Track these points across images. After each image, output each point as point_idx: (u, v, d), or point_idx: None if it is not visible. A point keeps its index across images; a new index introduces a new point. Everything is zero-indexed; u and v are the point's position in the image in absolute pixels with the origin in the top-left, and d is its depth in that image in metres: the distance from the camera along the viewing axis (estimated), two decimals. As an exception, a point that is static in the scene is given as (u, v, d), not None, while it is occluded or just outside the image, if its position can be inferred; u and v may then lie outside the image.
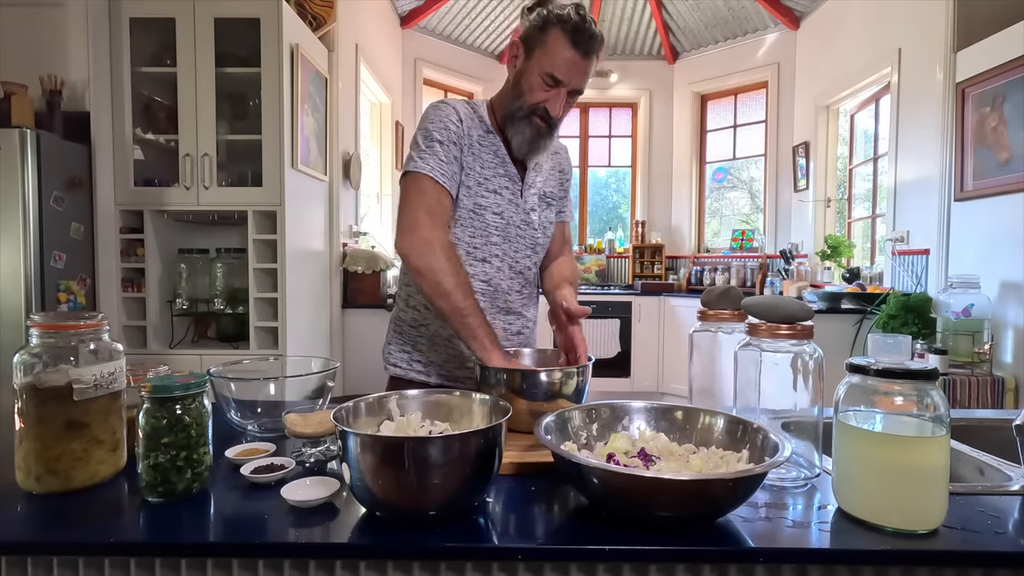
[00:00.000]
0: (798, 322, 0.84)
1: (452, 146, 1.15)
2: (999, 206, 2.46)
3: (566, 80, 1.12)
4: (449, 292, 1.07)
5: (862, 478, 0.70)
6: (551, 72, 1.11)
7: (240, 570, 0.65)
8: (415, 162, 1.14)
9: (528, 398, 0.97)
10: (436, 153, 1.14)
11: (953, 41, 2.71)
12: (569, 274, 1.31)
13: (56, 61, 2.38)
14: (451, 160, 1.15)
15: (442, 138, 1.15)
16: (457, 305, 1.07)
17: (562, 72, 1.11)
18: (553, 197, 1.32)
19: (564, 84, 1.12)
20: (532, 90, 1.13)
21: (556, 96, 1.13)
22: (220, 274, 2.68)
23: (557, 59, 1.10)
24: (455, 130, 1.16)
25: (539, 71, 1.12)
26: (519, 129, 1.17)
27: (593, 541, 0.64)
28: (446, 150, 1.15)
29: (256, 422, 1.00)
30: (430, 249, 1.09)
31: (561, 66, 1.11)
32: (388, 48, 4.29)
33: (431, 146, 1.14)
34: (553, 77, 1.11)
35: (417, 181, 1.14)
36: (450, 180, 1.15)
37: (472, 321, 1.07)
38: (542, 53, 1.12)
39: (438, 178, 1.13)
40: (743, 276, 4.72)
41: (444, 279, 1.08)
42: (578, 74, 1.12)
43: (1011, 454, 0.90)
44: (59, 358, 0.76)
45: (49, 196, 2.18)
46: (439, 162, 1.14)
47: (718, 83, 4.99)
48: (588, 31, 1.10)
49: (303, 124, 2.72)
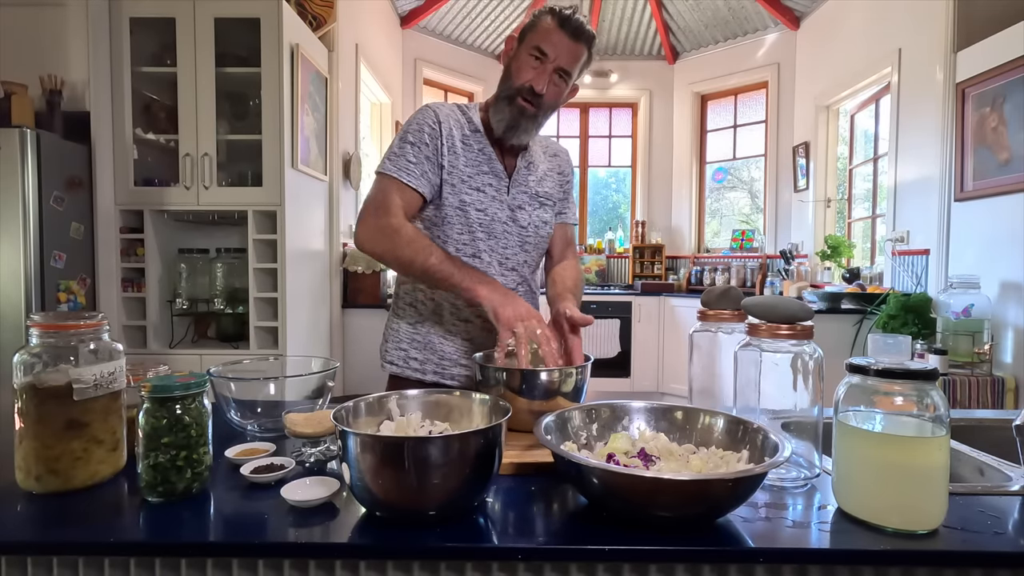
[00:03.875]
0: (798, 322, 0.84)
1: (424, 147, 1.19)
2: (999, 206, 2.46)
3: (552, 55, 1.15)
4: (411, 260, 1.12)
5: (862, 478, 0.70)
6: (538, 45, 1.15)
7: (240, 570, 0.65)
8: (383, 164, 1.20)
9: (526, 396, 0.97)
10: (405, 154, 1.19)
11: (953, 41, 2.71)
12: (572, 282, 1.31)
13: (56, 61, 2.38)
14: (421, 160, 1.19)
15: (414, 139, 1.20)
16: (424, 267, 1.12)
17: (549, 45, 1.15)
18: (549, 198, 1.32)
19: (550, 58, 1.15)
20: (520, 69, 1.18)
21: (542, 71, 1.16)
22: (220, 274, 2.68)
23: (545, 35, 1.16)
24: (429, 132, 1.20)
25: (528, 50, 1.17)
26: (500, 109, 1.21)
27: (593, 541, 0.64)
28: (416, 151, 1.19)
29: (256, 422, 1.00)
30: (380, 233, 1.15)
31: (548, 40, 1.15)
32: (388, 48, 4.29)
33: (403, 147, 1.20)
34: (540, 49, 1.15)
35: (378, 181, 1.20)
36: (418, 179, 1.19)
37: (444, 272, 1.11)
38: (532, 35, 1.17)
39: (401, 177, 1.17)
40: (743, 276, 4.72)
41: (401, 252, 1.13)
42: (564, 51, 1.16)
43: (1011, 454, 0.90)
44: (59, 358, 0.76)
45: (49, 196, 2.18)
46: (406, 163, 1.18)
47: (718, 83, 4.99)
48: (578, 20, 1.15)
49: (303, 124, 2.72)
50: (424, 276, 1.14)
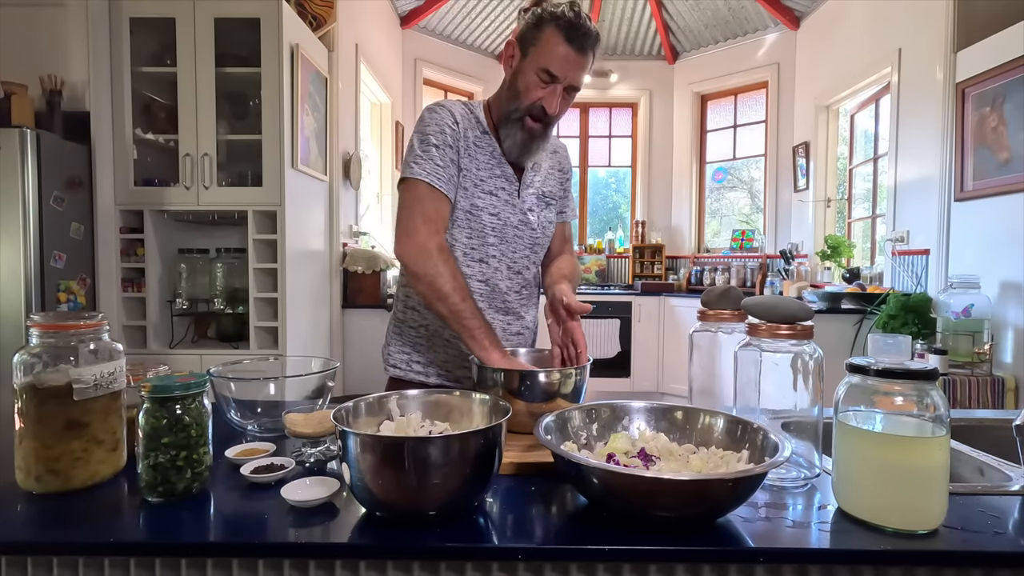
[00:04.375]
0: (798, 322, 0.84)
1: (448, 149, 1.16)
2: (999, 206, 2.46)
3: (561, 75, 1.12)
4: (447, 295, 1.08)
5: (862, 478, 0.70)
6: (546, 67, 1.11)
7: (240, 570, 0.65)
8: (411, 168, 1.15)
9: (525, 399, 0.97)
10: (432, 158, 1.15)
11: (953, 41, 2.71)
12: (568, 271, 1.31)
13: (56, 61, 2.38)
14: (448, 164, 1.16)
15: (438, 142, 1.15)
16: (455, 308, 1.08)
17: (557, 67, 1.11)
18: (552, 196, 1.32)
19: (560, 80, 1.12)
20: (528, 88, 1.14)
21: (552, 93, 1.13)
22: (220, 274, 2.68)
23: (552, 55, 1.11)
24: (451, 132, 1.17)
25: (535, 68, 1.12)
26: (511, 132, 1.18)
27: (593, 541, 0.64)
28: (442, 154, 1.15)
29: (256, 422, 1.00)
30: (427, 255, 1.11)
31: (556, 61, 1.11)
32: (388, 48, 4.29)
33: (427, 150, 1.15)
34: (548, 72, 1.11)
35: (414, 187, 1.15)
36: (447, 184, 1.15)
37: (471, 323, 1.07)
38: (537, 50, 1.12)
39: (434, 183, 1.14)
40: (743, 276, 4.72)
41: (441, 283, 1.09)
42: (573, 69, 1.12)
43: (1011, 454, 0.90)
44: (59, 358, 0.76)
45: (49, 196, 2.18)
46: (435, 167, 1.14)
47: (718, 83, 4.99)
48: (583, 27, 1.10)
49: (303, 124, 2.72)
50: (447, 314, 1.09)
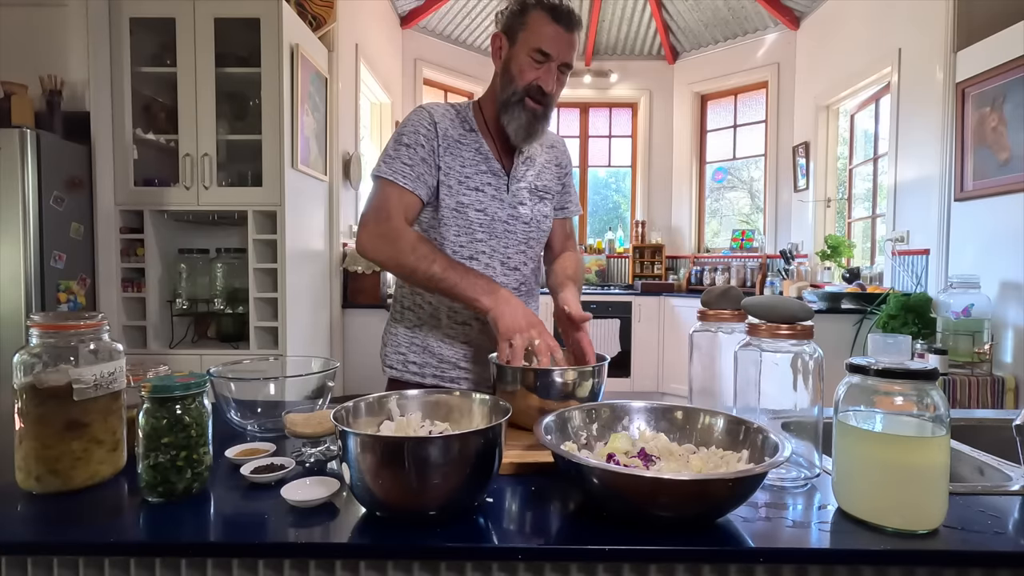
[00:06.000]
0: (798, 322, 0.84)
1: (420, 148, 1.18)
2: (999, 206, 2.46)
3: (555, 53, 1.15)
4: (415, 267, 1.11)
5: (862, 478, 0.70)
6: (538, 47, 1.14)
7: (240, 570, 0.65)
8: (379, 167, 1.19)
9: (542, 396, 0.97)
10: (400, 156, 1.17)
11: (953, 41, 2.71)
12: (572, 271, 1.31)
13: (56, 61, 2.38)
14: (417, 162, 1.18)
15: (410, 141, 1.18)
16: (428, 275, 1.10)
17: (549, 45, 1.14)
18: (548, 191, 1.32)
19: (553, 58, 1.15)
20: (523, 70, 1.16)
21: (547, 71, 1.16)
22: (220, 274, 2.68)
23: (542, 34, 1.14)
24: (425, 133, 1.19)
25: (526, 51, 1.15)
26: (514, 115, 1.19)
27: (593, 541, 0.64)
28: (412, 153, 1.18)
29: (256, 422, 1.00)
30: (382, 239, 1.14)
31: (547, 40, 1.14)
32: (388, 48, 4.29)
33: (398, 150, 1.18)
34: (542, 51, 1.14)
35: (377, 185, 1.18)
36: (414, 181, 1.17)
37: (449, 282, 1.09)
38: (526, 34, 1.15)
39: (398, 180, 1.16)
40: (743, 276, 4.72)
41: (404, 259, 1.11)
42: (564, 46, 1.15)
43: (1011, 454, 0.90)
44: (59, 358, 0.76)
45: (49, 196, 2.18)
46: (401, 165, 1.17)
47: (718, 83, 4.99)
48: (565, 7, 1.15)
49: (303, 124, 2.72)
50: (426, 284, 1.13)
